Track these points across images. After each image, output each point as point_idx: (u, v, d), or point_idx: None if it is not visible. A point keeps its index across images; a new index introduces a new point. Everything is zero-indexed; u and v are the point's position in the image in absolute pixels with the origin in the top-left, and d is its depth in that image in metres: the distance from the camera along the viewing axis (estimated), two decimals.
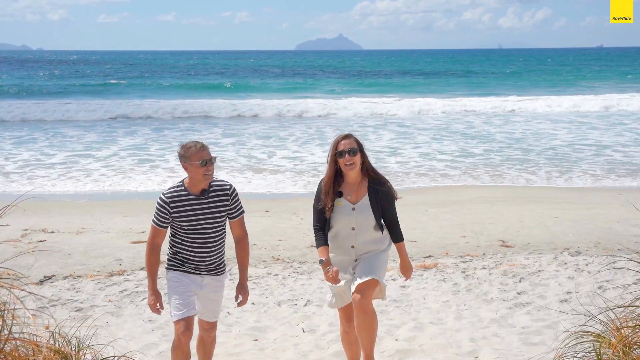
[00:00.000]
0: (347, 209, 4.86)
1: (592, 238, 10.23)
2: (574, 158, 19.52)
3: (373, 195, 4.85)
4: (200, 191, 4.77)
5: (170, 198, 4.74)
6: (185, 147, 4.74)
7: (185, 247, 4.82)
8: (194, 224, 4.75)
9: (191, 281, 4.85)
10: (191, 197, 4.75)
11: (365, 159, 4.91)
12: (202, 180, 4.73)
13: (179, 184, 4.83)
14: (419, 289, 7.93)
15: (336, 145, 4.87)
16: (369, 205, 4.84)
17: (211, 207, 4.79)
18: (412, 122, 29.39)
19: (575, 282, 7.97)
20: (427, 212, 12.29)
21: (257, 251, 9.71)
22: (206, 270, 4.89)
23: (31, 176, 16.76)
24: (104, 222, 11.62)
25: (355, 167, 4.84)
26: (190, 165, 4.70)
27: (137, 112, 31.97)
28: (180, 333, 4.80)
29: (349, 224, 4.87)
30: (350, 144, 4.84)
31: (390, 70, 77.58)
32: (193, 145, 4.73)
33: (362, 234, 4.87)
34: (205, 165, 4.69)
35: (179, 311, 4.80)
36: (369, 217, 4.84)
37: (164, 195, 4.77)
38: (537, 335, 6.35)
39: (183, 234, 4.79)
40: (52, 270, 8.74)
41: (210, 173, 4.73)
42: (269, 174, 17.26)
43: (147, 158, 19.42)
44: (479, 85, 53.44)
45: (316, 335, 6.52)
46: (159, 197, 4.78)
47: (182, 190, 4.77)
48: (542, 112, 34.14)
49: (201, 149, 4.71)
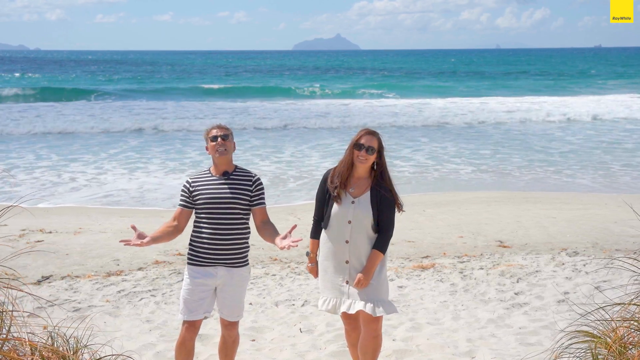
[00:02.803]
0: (347, 201, 4.84)
1: (590, 239, 10.25)
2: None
3: (375, 194, 4.82)
4: (222, 173, 4.85)
5: (193, 178, 4.89)
6: (206, 131, 4.92)
7: (202, 231, 4.77)
8: (211, 203, 4.74)
9: (205, 276, 4.76)
10: (213, 178, 4.85)
11: (381, 161, 4.86)
12: (217, 156, 4.81)
13: (206, 169, 4.97)
14: (416, 289, 7.94)
15: (359, 136, 4.85)
16: (369, 201, 4.81)
17: (232, 189, 4.79)
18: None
19: (573, 282, 7.99)
20: (424, 213, 12.31)
21: (254, 251, 9.71)
22: (219, 259, 4.78)
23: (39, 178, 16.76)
24: (101, 222, 11.62)
25: (366, 164, 4.82)
26: (207, 145, 4.88)
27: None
28: (185, 329, 4.82)
29: (346, 216, 4.83)
30: (371, 142, 4.80)
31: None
32: (210, 127, 4.93)
33: (357, 229, 4.81)
34: (215, 141, 4.80)
35: (185, 314, 4.81)
36: (367, 213, 4.79)
37: (189, 177, 4.93)
38: (534, 335, 6.36)
39: (202, 217, 4.78)
40: (50, 270, 8.74)
41: (222, 149, 4.80)
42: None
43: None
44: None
45: (313, 335, 6.53)
46: (185, 180, 4.93)
47: (206, 173, 4.90)
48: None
49: (214, 127, 4.88)
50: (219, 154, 4.79)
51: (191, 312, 4.80)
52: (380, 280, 4.82)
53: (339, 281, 4.87)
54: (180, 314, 4.86)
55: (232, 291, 4.85)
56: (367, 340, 4.83)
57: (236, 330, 5.02)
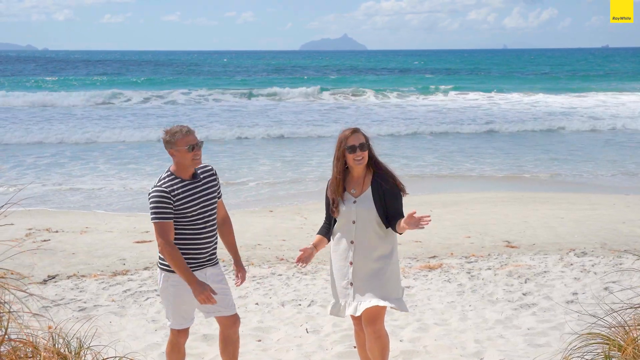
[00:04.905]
0: (349, 202, 4.79)
1: (598, 239, 10.18)
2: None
3: (376, 188, 4.76)
4: (192, 175, 4.64)
5: (169, 187, 4.52)
6: (171, 133, 4.54)
7: (188, 239, 4.60)
8: (197, 209, 4.58)
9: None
10: (187, 182, 4.60)
11: (372, 152, 4.83)
12: (191, 166, 4.59)
13: (167, 173, 4.62)
14: (423, 289, 7.88)
15: (345, 140, 4.78)
16: (371, 198, 4.74)
17: (207, 188, 4.68)
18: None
19: (582, 283, 7.92)
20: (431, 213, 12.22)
21: (261, 251, 9.68)
22: (207, 260, 4.70)
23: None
24: (107, 221, 11.61)
25: (364, 162, 4.77)
26: (177, 151, 4.53)
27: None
28: (178, 335, 4.77)
29: (349, 217, 4.79)
30: (360, 139, 4.75)
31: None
32: (179, 130, 4.54)
33: (362, 228, 4.75)
34: (193, 150, 4.53)
35: (180, 323, 4.74)
36: (370, 209, 4.73)
37: (161, 187, 4.52)
38: (542, 336, 6.30)
39: (186, 226, 4.57)
40: (56, 269, 8.72)
41: (198, 158, 4.58)
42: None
43: None
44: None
45: (320, 335, 6.48)
46: (155, 192, 4.51)
47: (175, 178, 4.58)
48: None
49: (187, 133, 4.53)
50: (194, 164, 4.58)
51: (185, 320, 4.75)
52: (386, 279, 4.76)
53: (344, 284, 4.83)
54: (171, 323, 4.75)
55: (223, 286, 4.79)
56: (370, 342, 4.79)
57: (238, 327, 4.92)
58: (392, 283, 4.79)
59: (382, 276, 4.74)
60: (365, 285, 4.75)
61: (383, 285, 4.73)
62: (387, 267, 4.77)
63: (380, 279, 4.74)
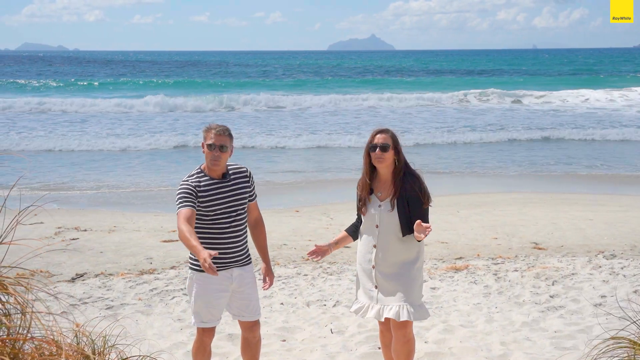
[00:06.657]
0: (374, 205, 4.77)
1: (628, 241, 10.03)
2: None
3: (402, 194, 4.72)
4: (222, 175, 4.64)
5: (195, 182, 4.54)
6: (205, 127, 4.62)
7: (212, 238, 4.60)
8: (221, 208, 4.57)
9: (219, 282, 4.65)
10: (215, 182, 4.60)
11: (400, 157, 4.78)
12: (210, 165, 4.57)
13: (197, 170, 4.65)
14: (449, 290, 7.83)
15: (371, 139, 4.78)
16: (395, 203, 4.70)
17: (235, 190, 4.66)
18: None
19: (610, 285, 7.81)
20: (458, 214, 12.17)
21: (286, 251, 9.69)
22: (234, 260, 4.69)
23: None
24: (135, 220, 11.71)
25: (385, 162, 4.72)
26: (203, 147, 4.59)
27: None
28: (204, 334, 4.78)
29: (373, 221, 4.77)
30: (385, 140, 4.70)
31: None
32: (214, 127, 4.58)
33: (385, 232, 4.72)
34: (211, 150, 4.52)
35: (205, 322, 4.74)
36: (393, 215, 4.69)
37: (188, 181, 4.55)
38: (569, 339, 6.22)
39: (210, 224, 4.58)
40: (84, 268, 8.82)
41: (216, 161, 4.53)
42: None
43: None
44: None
45: (344, 336, 6.47)
46: (181, 185, 4.53)
47: (204, 176, 4.60)
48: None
49: (218, 132, 4.54)
50: (212, 165, 4.57)
51: (210, 320, 4.75)
52: (410, 283, 4.73)
53: (369, 286, 4.83)
54: (196, 322, 4.75)
55: (250, 290, 4.79)
56: (398, 346, 4.78)
57: (259, 330, 4.95)
58: (415, 289, 4.77)
59: (404, 282, 4.71)
60: (388, 290, 4.74)
61: (406, 291, 4.71)
62: (409, 273, 4.73)
63: (403, 284, 4.71)
